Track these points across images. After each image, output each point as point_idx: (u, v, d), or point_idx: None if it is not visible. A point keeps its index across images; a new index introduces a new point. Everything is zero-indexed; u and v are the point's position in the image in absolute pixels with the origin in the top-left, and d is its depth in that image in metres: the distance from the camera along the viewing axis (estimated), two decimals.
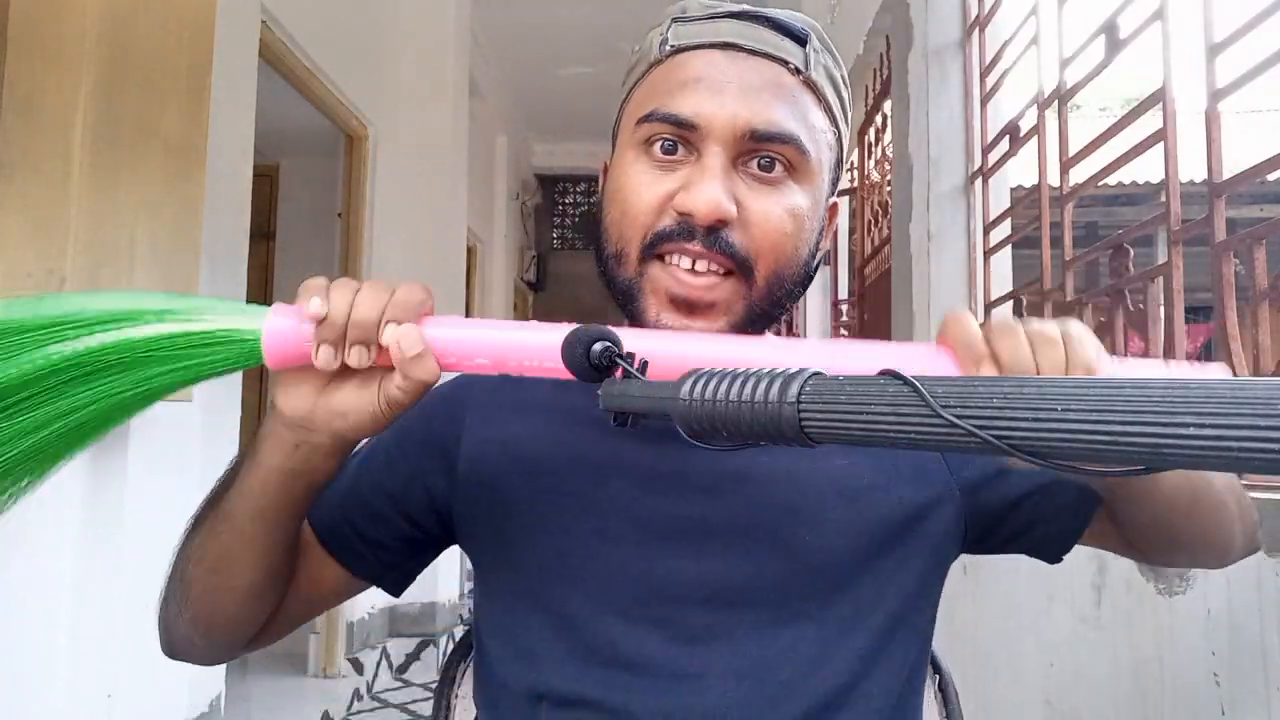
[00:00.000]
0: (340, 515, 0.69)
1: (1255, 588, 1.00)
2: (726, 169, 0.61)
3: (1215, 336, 1.25)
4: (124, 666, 1.81)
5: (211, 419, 2.15)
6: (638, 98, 0.66)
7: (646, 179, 0.63)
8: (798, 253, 0.64)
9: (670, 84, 0.63)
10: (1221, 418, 0.30)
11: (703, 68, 0.62)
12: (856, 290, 3.61)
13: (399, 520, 0.70)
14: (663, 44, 0.65)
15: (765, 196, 0.62)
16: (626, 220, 0.63)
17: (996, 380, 0.39)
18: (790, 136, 0.61)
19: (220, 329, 0.52)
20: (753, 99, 0.61)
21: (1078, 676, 1.43)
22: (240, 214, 2.32)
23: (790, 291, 0.65)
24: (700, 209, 0.59)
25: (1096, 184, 1.75)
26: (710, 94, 0.61)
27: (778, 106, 0.61)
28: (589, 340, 0.56)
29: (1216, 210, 1.25)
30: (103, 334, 0.51)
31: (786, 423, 0.45)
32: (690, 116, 0.61)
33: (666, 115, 0.61)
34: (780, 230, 0.62)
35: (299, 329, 0.52)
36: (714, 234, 0.60)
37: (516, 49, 5.09)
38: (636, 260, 0.63)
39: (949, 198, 2.35)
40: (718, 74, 0.62)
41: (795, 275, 0.64)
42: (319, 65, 2.84)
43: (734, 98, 0.61)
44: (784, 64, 0.63)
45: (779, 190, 0.62)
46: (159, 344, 0.51)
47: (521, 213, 6.41)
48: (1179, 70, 1.42)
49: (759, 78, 0.62)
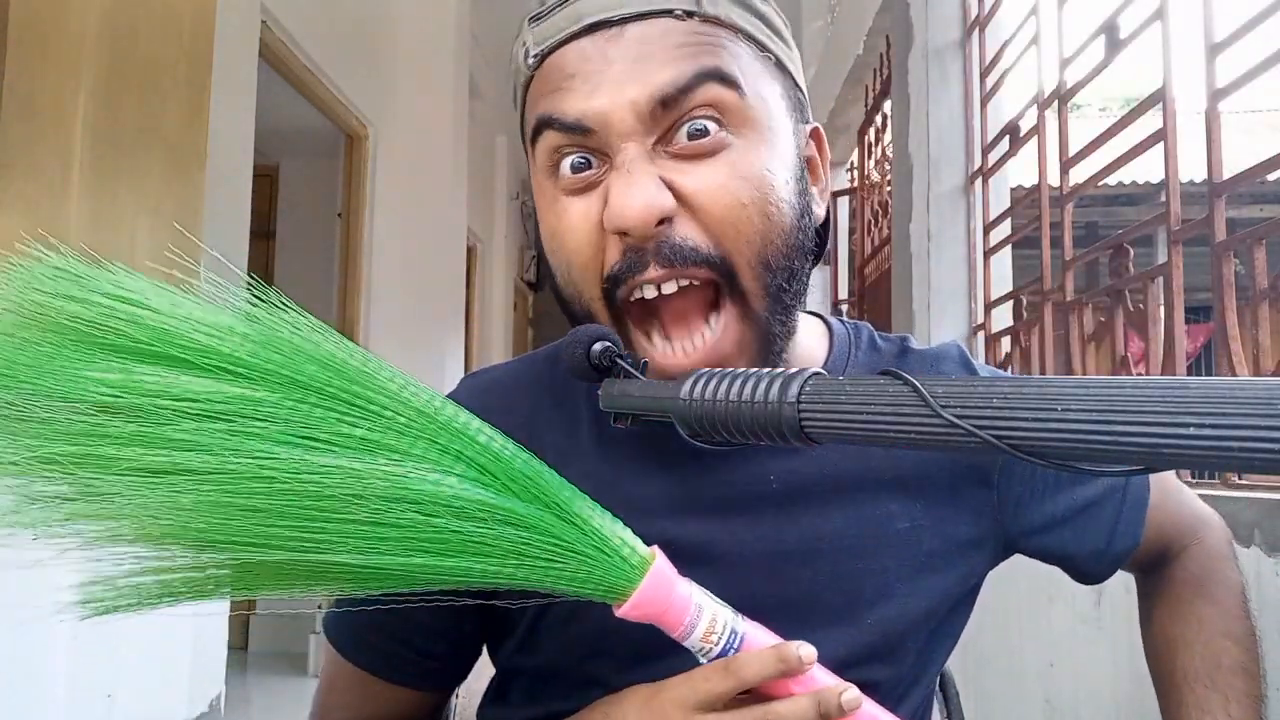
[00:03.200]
0: (391, 643, 0.62)
1: (1255, 588, 1.00)
2: (646, 161, 0.51)
3: (1215, 336, 1.25)
4: (124, 666, 1.81)
5: None
6: (527, 119, 0.57)
7: (569, 213, 0.53)
8: (775, 218, 0.53)
9: (547, 92, 0.54)
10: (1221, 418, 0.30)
11: (575, 63, 0.52)
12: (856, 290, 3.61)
13: (450, 621, 0.62)
14: (526, 55, 0.56)
15: (705, 167, 0.52)
16: (574, 272, 0.55)
17: (996, 380, 0.39)
18: (707, 74, 0.51)
19: (608, 544, 0.46)
20: (643, 70, 0.51)
21: (1078, 676, 1.42)
22: (240, 214, 2.32)
23: (787, 275, 0.54)
24: (629, 219, 0.50)
25: (1096, 184, 1.75)
26: (591, 88, 0.51)
27: (679, 59, 0.51)
28: (589, 340, 0.56)
29: (1216, 210, 1.25)
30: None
31: (787, 422, 0.45)
32: (577, 119, 0.52)
33: (556, 120, 0.52)
34: (735, 202, 0.51)
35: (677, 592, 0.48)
36: (663, 242, 0.51)
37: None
38: (608, 317, 0.55)
39: (949, 198, 2.35)
40: (597, 62, 0.52)
41: (786, 244, 0.54)
42: (319, 65, 2.84)
43: (620, 79, 0.51)
44: (667, 14, 0.52)
45: (720, 155, 0.52)
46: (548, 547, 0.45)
47: (521, 213, 6.41)
48: (1179, 70, 1.42)
49: (643, 45, 0.51)
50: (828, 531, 0.58)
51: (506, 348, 5.74)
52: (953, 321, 2.32)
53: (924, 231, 2.37)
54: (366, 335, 3.33)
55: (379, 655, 0.62)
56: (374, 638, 0.62)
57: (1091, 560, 0.66)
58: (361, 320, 3.32)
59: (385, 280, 3.40)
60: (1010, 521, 0.63)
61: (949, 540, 0.61)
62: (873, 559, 0.58)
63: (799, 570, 0.58)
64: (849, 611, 0.58)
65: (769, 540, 0.58)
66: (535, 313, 7.01)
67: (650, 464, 0.59)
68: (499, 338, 5.62)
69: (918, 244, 2.40)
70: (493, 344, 5.47)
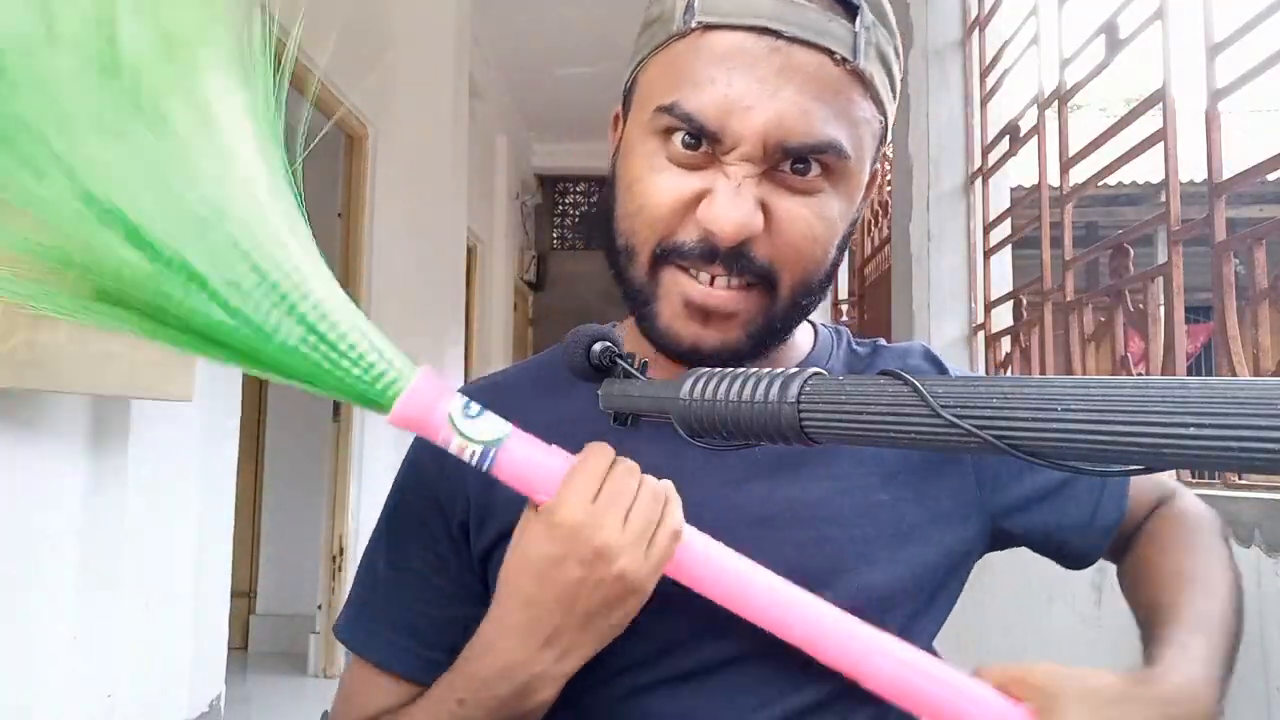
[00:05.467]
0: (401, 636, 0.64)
1: (1255, 587, 1.00)
2: (754, 183, 0.54)
3: (1215, 336, 1.25)
4: (124, 666, 1.81)
5: (211, 419, 2.15)
6: (655, 73, 0.58)
7: (666, 177, 0.56)
8: (826, 256, 0.59)
9: (694, 71, 0.54)
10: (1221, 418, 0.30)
11: (732, 57, 0.53)
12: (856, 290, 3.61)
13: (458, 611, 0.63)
14: (687, 11, 0.55)
15: (797, 203, 0.56)
16: (641, 219, 0.57)
17: (996, 380, 0.39)
18: (829, 145, 0.54)
19: (370, 364, 0.49)
20: (789, 104, 0.53)
21: None
22: None
23: (816, 296, 0.61)
24: (726, 230, 0.54)
25: (1096, 184, 1.75)
26: (738, 98, 0.53)
27: (818, 110, 0.53)
28: (589, 340, 0.56)
29: (1216, 210, 1.25)
30: None
31: (786, 422, 0.45)
32: (715, 128, 0.53)
33: (687, 116, 0.54)
34: (809, 238, 0.56)
35: (438, 403, 0.51)
36: (737, 252, 0.55)
37: (516, 49, 5.08)
38: (649, 262, 0.58)
39: (949, 198, 2.35)
40: (748, 71, 0.53)
41: (821, 279, 0.60)
42: (319, 65, 2.84)
43: (766, 104, 0.53)
44: (829, 54, 0.53)
45: (814, 196, 0.56)
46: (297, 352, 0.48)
47: (521, 213, 6.41)
48: (1179, 70, 1.42)
49: (798, 75, 0.53)
50: (811, 499, 0.61)
51: (506, 347, 5.74)
52: (953, 321, 2.32)
53: (924, 231, 2.37)
54: None
55: (389, 649, 0.64)
56: (384, 632, 0.64)
57: (1077, 535, 0.67)
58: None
59: (385, 280, 3.40)
60: (990, 499, 0.65)
61: (931, 513, 0.62)
62: (855, 527, 0.61)
63: (783, 536, 0.60)
64: (832, 578, 0.59)
65: (755, 507, 0.60)
66: (535, 313, 7.01)
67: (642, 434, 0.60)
68: (499, 338, 5.62)
69: (918, 244, 2.40)
70: (493, 344, 5.47)
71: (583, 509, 0.50)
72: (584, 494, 0.50)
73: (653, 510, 0.51)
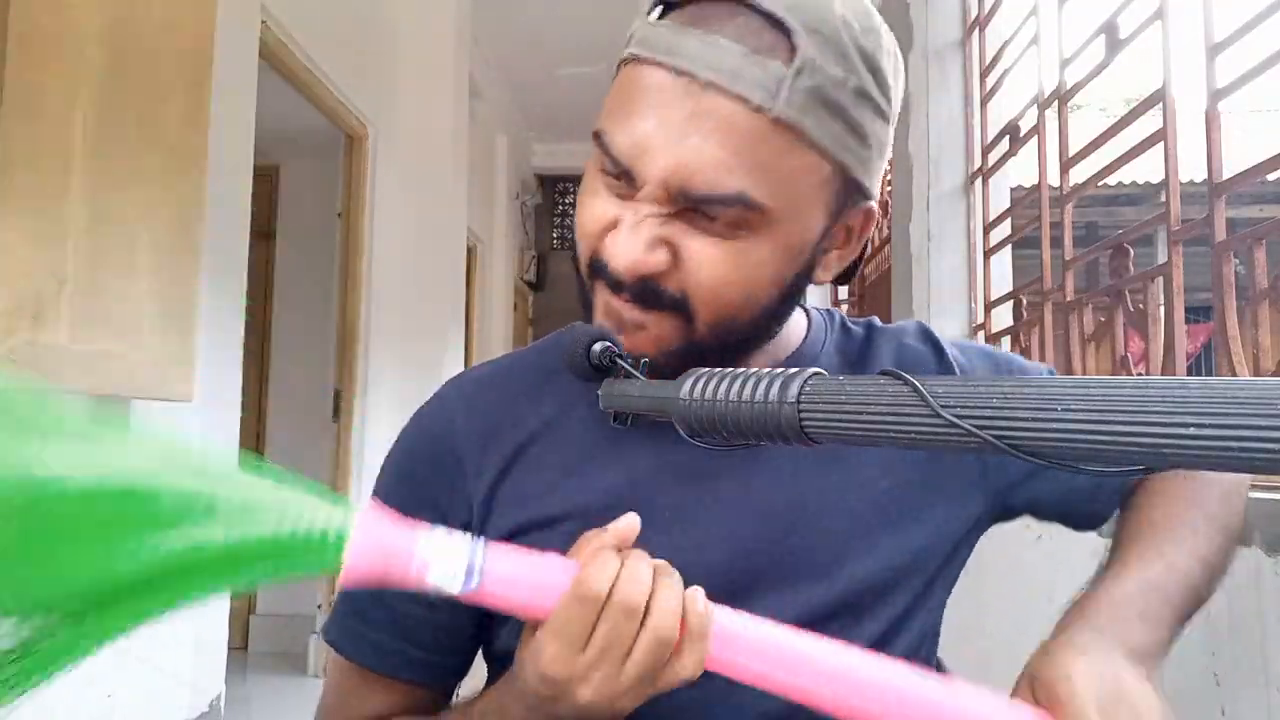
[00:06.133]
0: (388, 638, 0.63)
1: (1255, 588, 1.00)
2: (654, 223, 0.53)
3: (1215, 336, 1.25)
4: (124, 666, 1.81)
5: (211, 419, 2.15)
6: (609, 94, 0.57)
7: (596, 201, 0.56)
8: (750, 298, 0.56)
9: (621, 104, 0.54)
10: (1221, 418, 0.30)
11: (650, 95, 0.52)
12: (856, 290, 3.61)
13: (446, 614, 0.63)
14: (629, 40, 0.55)
15: (709, 244, 0.53)
16: (579, 234, 0.58)
17: (997, 380, 0.39)
18: (733, 198, 0.51)
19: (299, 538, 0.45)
20: (692, 153, 0.51)
21: None
22: (240, 214, 2.32)
23: (750, 332, 0.58)
24: (618, 267, 0.54)
25: (1096, 184, 1.75)
26: (646, 139, 0.52)
27: (725, 160, 0.51)
28: (589, 340, 0.56)
29: (1216, 210, 1.25)
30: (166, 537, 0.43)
31: (786, 422, 0.45)
32: (627, 166, 0.53)
33: (606, 149, 0.54)
34: (721, 280, 0.54)
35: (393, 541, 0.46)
36: (640, 285, 0.54)
37: (516, 49, 5.08)
38: (586, 273, 0.59)
39: (949, 198, 2.35)
40: (661, 112, 0.52)
41: (754, 316, 0.57)
42: (319, 65, 2.84)
43: (670, 149, 0.51)
44: (743, 100, 0.50)
45: (730, 240, 0.54)
46: (228, 556, 0.44)
47: (521, 213, 6.41)
48: (1179, 70, 1.42)
49: (708, 122, 0.51)
50: (813, 487, 0.61)
51: (506, 348, 5.74)
52: (953, 321, 2.32)
53: (924, 231, 2.37)
54: (367, 335, 3.33)
55: (377, 651, 0.63)
56: (372, 634, 0.63)
57: (1085, 500, 0.67)
58: (361, 320, 3.31)
59: (385, 280, 3.40)
60: (994, 474, 0.65)
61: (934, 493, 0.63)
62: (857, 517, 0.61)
63: (785, 525, 0.60)
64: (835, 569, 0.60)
65: (755, 498, 0.60)
66: (535, 313, 7.01)
67: (639, 432, 0.61)
68: (499, 338, 5.62)
69: (918, 244, 2.40)
70: (493, 344, 5.47)
71: (567, 664, 0.47)
72: (572, 642, 0.46)
73: (659, 655, 0.46)
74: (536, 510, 0.61)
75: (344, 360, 3.29)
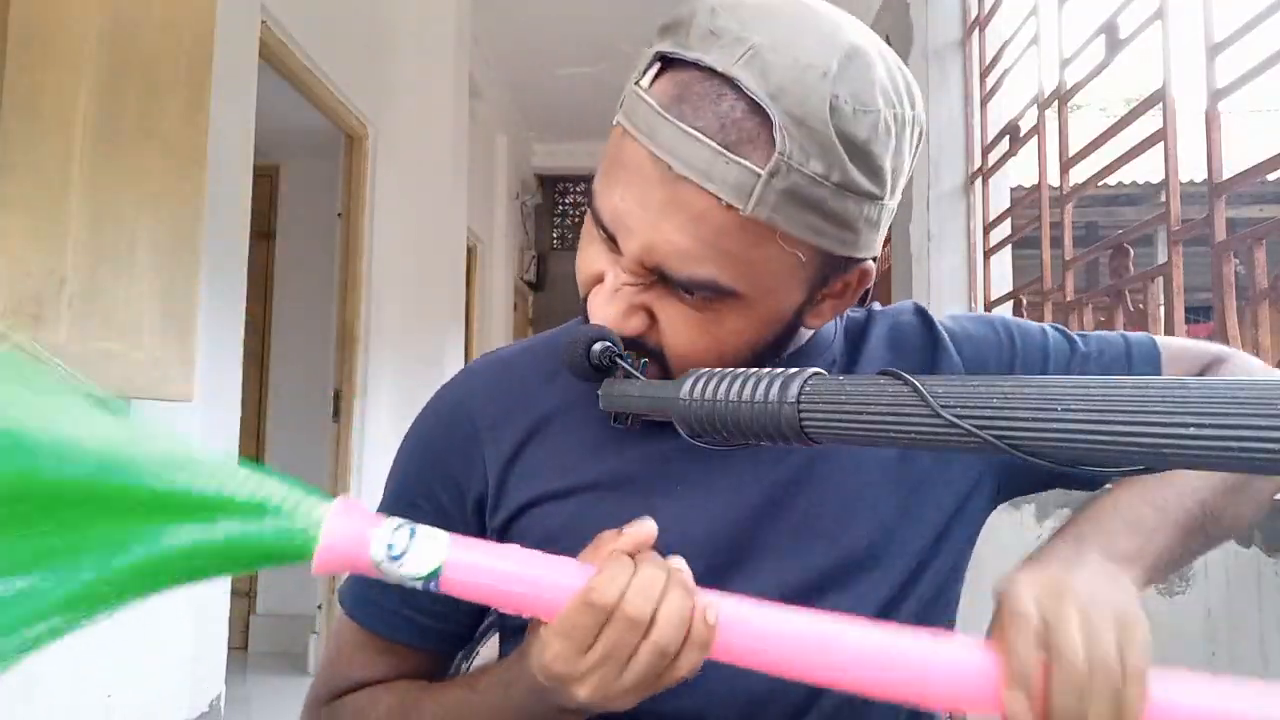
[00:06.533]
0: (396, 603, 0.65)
1: (1255, 587, 1.00)
2: (632, 291, 0.55)
3: (1215, 336, 1.25)
4: (124, 666, 1.81)
5: (211, 419, 2.15)
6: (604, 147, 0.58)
7: (592, 249, 0.58)
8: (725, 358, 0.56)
9: (609, 168, 0.55)
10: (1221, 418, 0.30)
11: (632, 171, 0.53)
12: None
13: None
14: (621, 101, 0.55)
15: (685, 313, 0.55)
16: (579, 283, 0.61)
17: (997, 380, 0.39)
18: (704, 284, 0.53)
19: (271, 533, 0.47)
20: (664, 240, 0.52)
21: None
22: (240, 214, 2.31)
23: None
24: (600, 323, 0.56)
25: (1096, 184, 1.75)
26: (625, 215, 0.53)
27: (696, 251, 0.51)
28: (589, 340, 0.56)
29: (1216, 210, 1.25)
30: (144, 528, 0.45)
31: (786, 422, 0.45)
32: (610, 231, 0.54)
33: (595, 211, 0.56)
34: (697, 346, 0.56)
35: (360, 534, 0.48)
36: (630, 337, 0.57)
37: (516, 49, 5.08)
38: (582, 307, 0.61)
39: (949, 198, 2.35)
40: (639, 192, 0.52)
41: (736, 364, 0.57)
42: (319, 65, 2.84)
43: (645, 231, 0.52)
44: (714, 197, 0.50)
45: (705, 312, 0.55)
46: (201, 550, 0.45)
47: (521, 213, 6.41)
48: (1179, 70, 1.42)
49: (681, 213, 0.51)
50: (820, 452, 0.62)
51: None
52: None
53: (924, 231, 2.37)
54: (366, 335, 3.33)
55: (387, 616, 0.65)
56: (381, 599, 0.65)
57: None
58: (361, 320, 3.31)
59: (385, 280, 3.40)
60: None
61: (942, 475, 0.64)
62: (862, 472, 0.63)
63: (796, 495, 0.62)
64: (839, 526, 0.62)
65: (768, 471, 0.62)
66: (535, 313, 7.01)
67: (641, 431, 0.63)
68: (499, 338, 5.62)
69: (918, 244, 2.41)
70: (492, 344, 5.47)
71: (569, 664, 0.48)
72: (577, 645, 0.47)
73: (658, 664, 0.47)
74: (549, 484, 0.63)
75: (344, 360, 3.29)
